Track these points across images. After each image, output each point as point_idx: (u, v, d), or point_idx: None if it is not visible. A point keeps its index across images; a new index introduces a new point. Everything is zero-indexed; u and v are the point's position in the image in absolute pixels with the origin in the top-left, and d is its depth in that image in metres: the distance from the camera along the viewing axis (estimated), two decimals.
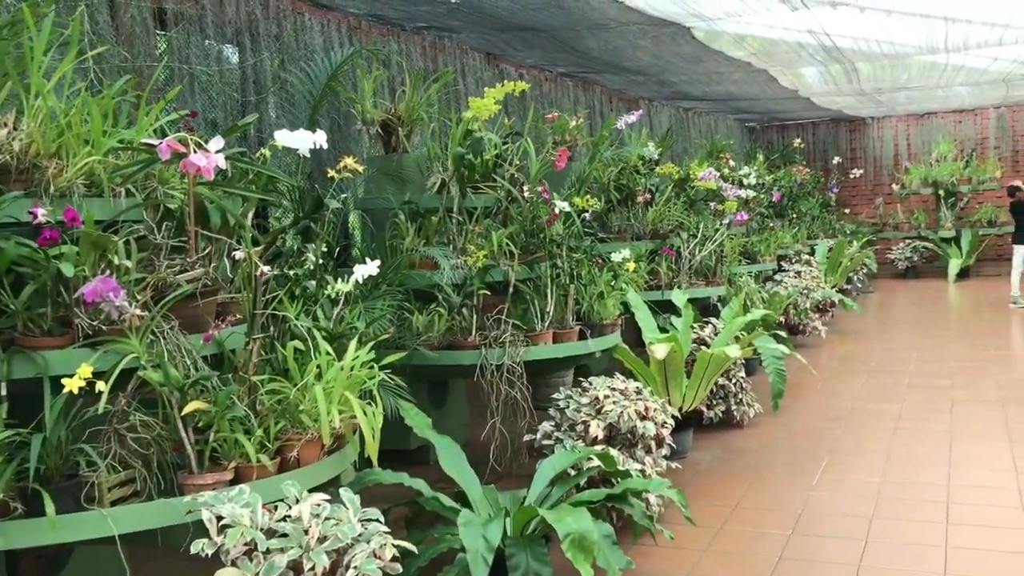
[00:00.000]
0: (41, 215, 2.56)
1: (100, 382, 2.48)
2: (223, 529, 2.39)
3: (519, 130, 5.72)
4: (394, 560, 2.53)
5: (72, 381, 2.43)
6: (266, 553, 2.38)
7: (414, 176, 5.25)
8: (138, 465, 2.66)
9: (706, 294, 7.60)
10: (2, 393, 2.50)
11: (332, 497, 2.65)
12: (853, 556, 3.94)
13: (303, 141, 3.17)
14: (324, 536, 2.47)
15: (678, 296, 6.46)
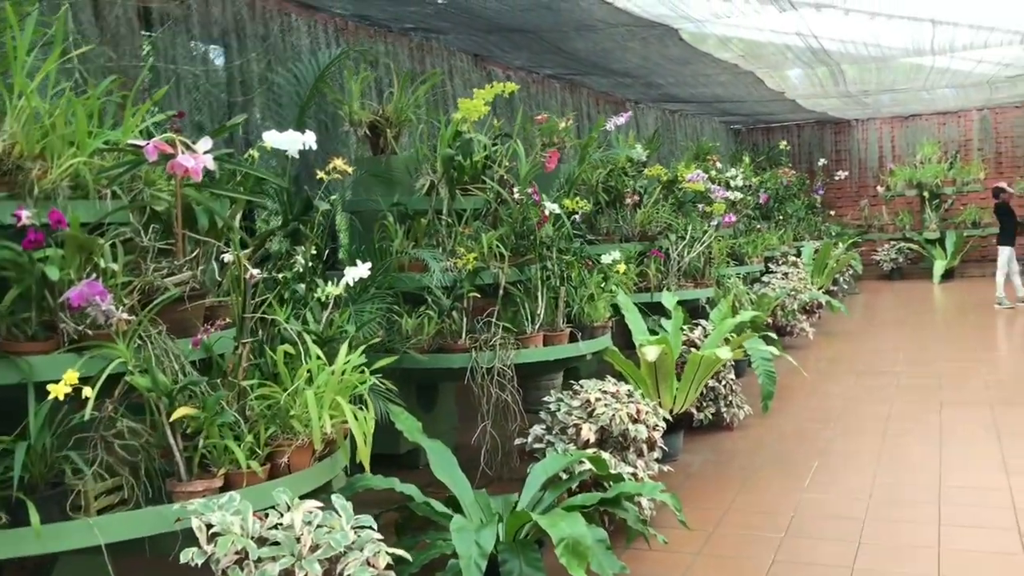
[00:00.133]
0: (25, 217, 2.51)
1: (86, 388, 2.43)
2: (213, 537, 2.35)
3: (508, 132, 5.69)
4: (388, 568, 2.50)
5: (58, 387, 2.38)
6: (257, 562, 2.34)
7: (403, 178, 5.21)
8: (125, 472, 2.62)
9: (695, 296, 7.60)
10: None
11: (323, 503, 2.61)
12: (846, 558, 3.93)
13: (292, 142, 3.13)
14: (316, 544, 2.43)
15: (668, 298, 6.45)
